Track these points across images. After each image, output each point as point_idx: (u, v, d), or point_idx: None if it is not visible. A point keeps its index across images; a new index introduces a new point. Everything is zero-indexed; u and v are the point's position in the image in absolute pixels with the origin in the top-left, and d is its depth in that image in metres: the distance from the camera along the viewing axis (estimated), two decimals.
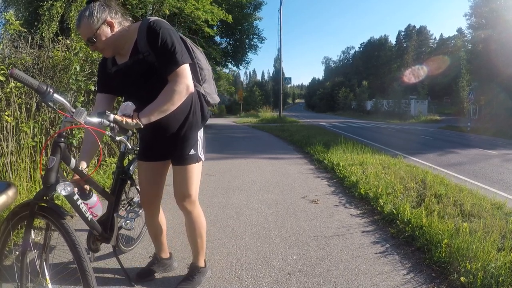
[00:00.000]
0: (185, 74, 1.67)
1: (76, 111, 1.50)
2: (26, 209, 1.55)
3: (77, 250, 1.48)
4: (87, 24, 1.62)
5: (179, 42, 1.70)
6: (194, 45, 1.98)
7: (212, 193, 4.30)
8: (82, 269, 1.47)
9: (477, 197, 4.15)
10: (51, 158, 1.56)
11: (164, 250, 2.30)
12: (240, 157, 7.32)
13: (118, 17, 1.71)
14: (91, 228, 1.91)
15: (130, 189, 2.52)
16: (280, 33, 24.56)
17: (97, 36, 1.64)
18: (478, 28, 26.68)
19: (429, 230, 2.85)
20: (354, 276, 2.30)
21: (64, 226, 1.52)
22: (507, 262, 2.33)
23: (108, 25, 1.66)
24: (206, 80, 2.02)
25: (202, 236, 2.09)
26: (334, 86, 71.00)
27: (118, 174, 2.21)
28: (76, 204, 1.72)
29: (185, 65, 1.68)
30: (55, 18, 10.34)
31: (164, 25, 1.70)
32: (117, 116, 1.52)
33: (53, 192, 1.58)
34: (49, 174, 1.55)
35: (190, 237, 2.10)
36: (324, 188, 4.67)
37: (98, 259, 2.44)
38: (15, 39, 4.25)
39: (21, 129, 3.62)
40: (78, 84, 4.35)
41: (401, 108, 40.17)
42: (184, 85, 1.66)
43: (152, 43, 1.67)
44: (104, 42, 1.67)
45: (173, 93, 1.64)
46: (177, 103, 1.67)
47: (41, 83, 1.45)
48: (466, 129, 19.44)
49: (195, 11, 12.29)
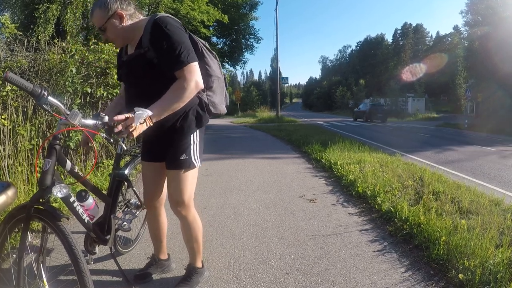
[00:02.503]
0: (194, 71, 1.67)
1: (70, 113, 1.52)
2: (23, 212, 1.55)
3: (73, 251, 1.47)
4: (99, 13, 1.70)
5: (185, 40, 1.69)
6: (206, 49, 1.93)
7: (210, 194, 4.29)
8: (78, 271, 1.46)
9: (475, 194, 4.16)
10: (47, 161, 1.58)
11: (163, 251, 2.30)
12: (237, 157, 7.32)
13: (130, 9, 1.77)
14: (88, 230, 1.92)
15: (127, 191, 2.51)
16: (277, 32, 24.56)
17: (107, 26, 1.71)
18: (475, 25, 26.79)
19: (427, 228, 2.85)
20: (352, 275, 2.30)
21: (60, 228, 1.51)
22: (505, 258, 2.33)
23: (118, 16, 1.72)
24: (213, 88, 1.96)
25: (198, 240, 2.07)
26: (331, 85, 71.14)
27: (114, 176, 2.20)
28: (73, 206, 1.73)
29: (194, 64, 1.67)
30: (50, 20, 10.33)
31: (170, 22, 1.70)
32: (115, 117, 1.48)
33: (49, 194, 1.58)
34: (44, 176, 1.56)
35: (186, 241, 2.09)
36: (321, 187, 4.67)
37: (96, 261, 2.43)
38: (11, 42, 4.24)
39: (18, 132, 3.61)
40: (75, 87, 4.34)
41: (398, 106, 40.25)
42: (194, 82, 1.65)
43: (154, 40, 1.68)
44: (113, 32, 1.74)
45: (182, 90, 1.63)
46: (186, 100, 1.66)
47: (36, 86, 1.46)
48: (463, 126, 19.50)
49: (191, 12, 12.31)
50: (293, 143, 9.65)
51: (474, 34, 26.79)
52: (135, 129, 1.49)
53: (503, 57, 21.55)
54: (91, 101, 4.85)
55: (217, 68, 1.97)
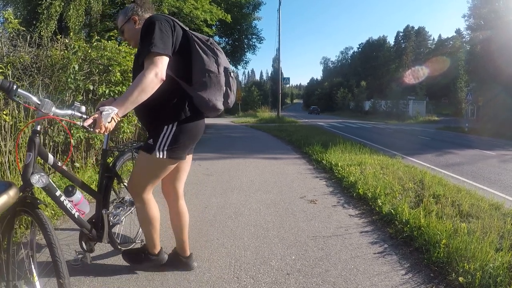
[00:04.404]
0: (156, 62, 1.66)
1: (41, 103, 1.56)
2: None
3: (49, 236, 1.48)
4: (120, 18, 2.02)
5: (159, 33, 1.71)
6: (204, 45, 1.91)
7: (211, 193, 4.29)
8: (53, 256, 1.47)
9: (475, 198, 4.16)
10: (28, 154, 1.61)
11: (183, 248, 2.29)
12: (238, 157, 7.32)
13: (146, 15, 1.98)
14: (80, 226, 1.95)
15: (120, 188, 2.50)
16: (279, 33, 24.65)
17: (123, 29, 2.03)
18: (477, 29, 26.80)
19: (427, 231, 2.85)
20: (352, 276, 2.30)
21: (37, 214, 1.53)
22: (505, 262, 2.34)
23: (133, 21, 1.99)
24: (204, 83, 1.88)
25: (148, 227, 2.11)
26: (332, 86, 71.29)
27: (102, 172, 2.20)
28: (60, 201, 1.78)
29: (156, 54, 1.66)
30: (53, 17, 10.31)
31: (154, 18, 1.78)
32: (85, 122, 1.55)
33: (31, 186, 1.60)
34: (26, 169, 1.59)
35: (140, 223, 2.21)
36: (322, 188, 4.67)
37: (93, 255, 2.43)
38: (14, 37, 4.24)
39: (19, 128, 3.61)
40: (77, 84, 4.34)
41: (399, 109, 40.29)
42: (153, 72, 1.63)
43: (140, 38, 1.80)
44: (128, 34, 2.02)
45: (140, 79, 1.62)
46: (147, 89, 1.63)
47: (4, 80, 1.52)
48: (464, 130, 19.53)
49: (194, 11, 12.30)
50: (294, 143, 9.66)
51: (476, 38, 26.82)
52: (105, 127, 1.57)
53: (505, 62, 21.57)
54: (93, 98, 4.85)
55: (213, 63, 1.90)
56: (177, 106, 1.88)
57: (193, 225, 3.04)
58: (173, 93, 1.86)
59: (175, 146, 1.88)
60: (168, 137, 1.87)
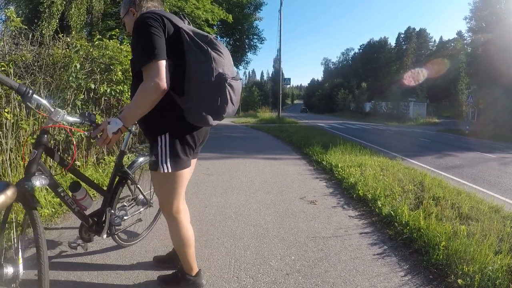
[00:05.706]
0: (154, 72, 1.53)
1: (54, 112, 1.68)
2: None
3: (38, 239, 1.54)
4: (121, 10, 1.95)
5: (149, 39, 1.55)
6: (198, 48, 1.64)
7: (211, 193, 4.30)
8: (38, 258, 1.52)
9: (475, 200, 4.17)
10: (33, 151, 1.71)
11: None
12: (238, 157, 7.32)
13: (145, 5, 1.87)
14: (79, 218, 2.08)
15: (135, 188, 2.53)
16: (280, 33, 24.57)
17: (124, 21, 1.95)
18: (478, 31, 26.84)
19: (427, 233, 2.86)
20: (352, 277, 2.30)
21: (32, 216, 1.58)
22: (504, 265, 2.34)
23: (131, 13, 1.88)
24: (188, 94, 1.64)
25: (183, 248, 1.97)
26: (333, 87, 71.23)
27: (115, 172, 2.30)
28: (61, 195, 1.93)
29: (154, 63, 1.53)
30: (55, 15, 10.35)
31: (141, 20, 1.60)
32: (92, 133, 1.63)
33: (31, 183, 1.65)
34: (30, 165, 1.68)
35: (174, 245, 2.04)
36: (322, 189, 4.68)
37: (94, 253, 2.44)
38: (16, 36, 4.25)
39: (21, 126, 3.62)
40: (78, 82, 4.35)
41: (399, 110, 40.28)
42: (152, 83, 1.52)
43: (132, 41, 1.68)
44: (128, 26, 1.92)
45: (140, 91, 1.55)
46: (148, 102, 1.56)
47: (21, 85, 1.57)
48: (464, 132, 19.51)
49: (196, 11, 12.32)
50: (294, 144, 9.66)
51: (478, 40, 26.84)
52: (110, 140, 1.60)
53: (506, 64, 21.56)
54: (95, 97, 4.86)
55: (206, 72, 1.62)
56: (164, 115, 1.69)
57: (193, 225, 3.04)
58: (160, 102, 1.61)
59: (177, 157, 1.74)
60: (165, 148, 1.72)
